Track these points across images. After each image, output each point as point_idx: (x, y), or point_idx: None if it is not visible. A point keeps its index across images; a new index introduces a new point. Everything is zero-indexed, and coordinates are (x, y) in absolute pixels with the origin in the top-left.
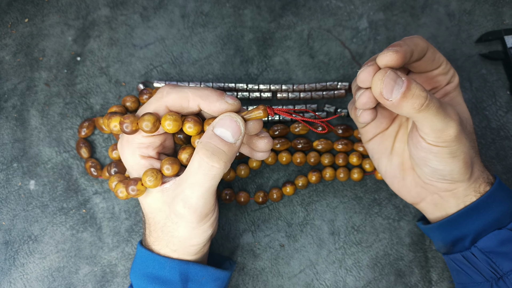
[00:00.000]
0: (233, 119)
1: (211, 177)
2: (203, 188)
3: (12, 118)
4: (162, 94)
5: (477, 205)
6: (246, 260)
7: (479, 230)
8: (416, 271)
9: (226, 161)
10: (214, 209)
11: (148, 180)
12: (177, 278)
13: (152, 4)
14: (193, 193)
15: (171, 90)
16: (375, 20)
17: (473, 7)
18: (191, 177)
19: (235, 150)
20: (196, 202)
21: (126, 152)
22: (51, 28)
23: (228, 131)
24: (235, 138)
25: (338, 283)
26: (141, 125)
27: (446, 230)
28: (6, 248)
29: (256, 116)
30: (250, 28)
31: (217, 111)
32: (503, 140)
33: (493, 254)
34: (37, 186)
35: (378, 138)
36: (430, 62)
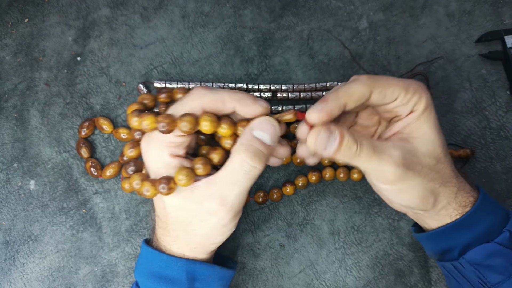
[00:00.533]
0: (271, 123)
1: (251, 177)
2: (242, 187)
3: (12, 118)
4: (198, 95)
5: (463, 221)
6: (246, 260)
7: (466, 243)
8: (415, 271)
9: (265, 161)
10: (242, 208)
11: (181, 178)
12: (184, 277)
13: (152, 4)
14: (232, 191)
15: (207, 92)
16: (375, 20)
17: (473, 8)
18: (231, 177)
19: (271, 152)
20: (233, 200)
21: (152, 151)
22: (51, 28)
23: (267, 134)
24: (273, 141)
25: (338, 283)
26: (179, 125)
27: (434, 242)
28: (6, 248)
29: (286, 119)
30: (250, 28)
31: (252, 114)
32: (503, 140)
33: (480, 266)
34: (37, 186)
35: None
36: (380, 100)
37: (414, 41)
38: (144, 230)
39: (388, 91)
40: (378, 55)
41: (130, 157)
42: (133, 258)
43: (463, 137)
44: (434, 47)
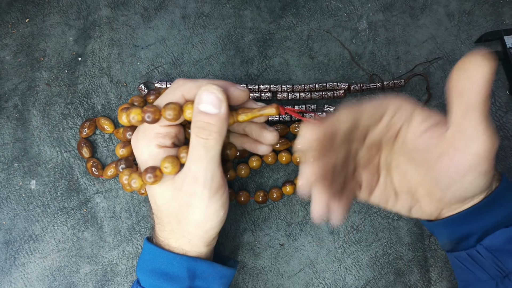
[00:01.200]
0: (210, 92)
1: (209, 148)
2: (205, 160)
3: (13, 118)
4: (178, 84)
5: (485, 204)
6: (246, 259)
7: (486, 228)
8: (415, 270)
9: (217, 130)
10: (223, 186)
11: (167, 166)
12: (184, 274)
13: (153, 5)
14: (199, 167)
15: (186, 81)
16: (374, 20)
17: (473, 8)
18: (194, 154)
19: (222, 118)
20: (204, 176)
21: (141, 143)
22: (52, 28)
23: (209, 104)
24: (218, 108)
25: (337, 282)
26: (164, 114)
27: (453, 227)
28: (6, 247)
29: (268, 113)
30: (250, 29)
31: (232, 97)
32: (503, 140)
33: (499, 252)
34: (38, 185)
35: (376, 193)
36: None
37: (414, 41)
38: (145, 229)
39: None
40: (378, 56)
41: (121, 156)
42: (134, 258)
43: None
44: (434, 47)
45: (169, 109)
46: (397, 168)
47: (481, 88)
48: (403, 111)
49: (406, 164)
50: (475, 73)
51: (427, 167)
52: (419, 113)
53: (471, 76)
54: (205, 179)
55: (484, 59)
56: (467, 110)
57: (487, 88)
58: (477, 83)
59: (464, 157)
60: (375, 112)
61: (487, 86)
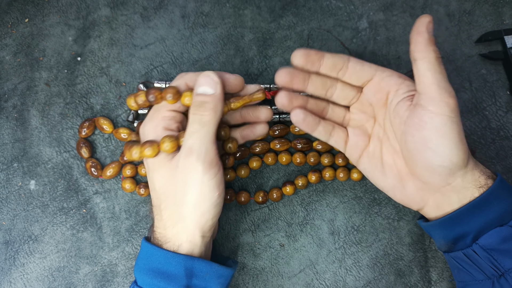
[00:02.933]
0: (206, 76)
1: (204, 123)
2: (201, 134)
3: (12, 118)
4: (181, 75)
5: (479, 202)
6: (246, 259)
7: (481, 227)
8: (415, 271)
9: (212, 107)
10: (217, 164)
11: (166, 143)
12: (182, 273)
13: (152, 4)
14: (194, 140)
15: (189, 72)
16: (375, 20)
17: (473, 7)
18: (189, 130)
19: (217, 97)
20: (198, 147)
21: (148, 127)
22: (51, 28)
23: (205, 86)
24: (213, 89)
25: (338, 283)
26: (164, 95)
27: (448, 227)
28: (6, 248)
29: (256, 98)
30: (250, 28)
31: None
32: (503, 140)
33: (494, 251)
34: (37, 186)
35: (364, 158)
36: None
37: None
38: (144, 230)
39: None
40: (378, 55)
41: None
42: (133, 258)
43: None
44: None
45: (169, 92)
46: (388, 140)
47: (419, 31)
48: (393, 77)
49: (394, 138)
50: (417, 23)
51: (401, 133)
52: (406, 84)
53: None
54: (199, 151)
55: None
56: (413, 56)
57: (425, 33)
58: (417, 28)
59: (419, 112)
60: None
61: (424, 30)
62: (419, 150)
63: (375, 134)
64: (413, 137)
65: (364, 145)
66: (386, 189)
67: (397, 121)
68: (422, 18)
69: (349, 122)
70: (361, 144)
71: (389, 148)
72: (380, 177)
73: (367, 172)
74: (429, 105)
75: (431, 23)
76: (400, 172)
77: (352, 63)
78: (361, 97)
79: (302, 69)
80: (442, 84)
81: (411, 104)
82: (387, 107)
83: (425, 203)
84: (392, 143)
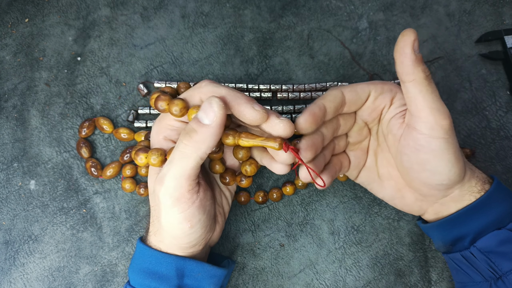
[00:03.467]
0: (209, 101)
1: (184, 156)
2: (177, 167)
3: (12, 118)
4: (200, 85)
5: (477, 205)
6: (246, 259)
7: (478, 230)
8: (415, 271)
9: (198, 140)
10: (189, 201)
11: (153, 159)
12: (173, 274)
13: (152, 4)
14: (168, 170)
15: (209, 84)
16: (375, 20)
17: (473, 7)
18: (171, 155)
19: (210, 131)
20: (168, 181)
21: (154, 130)
22: (51, 28)
23: (203, 113)
24: (210, 120)
25: (338, 283)
26: (171, 108)
27: (446, 230)
28: (6, 248)
29: (270, 146)
30: (250, 28)
31: (243, 115)
32: (503, 140)
33: (492, 254)
34: (37, 186)
35: (362, 174)
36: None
37: None
38: (144, 230)
39: (357, 89)
40: (378, 55)
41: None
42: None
43: (463, 137)
44: (434, 47)
45: (175, 105)
46: (382, 153)
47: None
48: (386, 93)
49: (388, 151)
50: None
51: (395, 150)
52: (398, 98)
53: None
54: (168, 185)
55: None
56: (401, 78)
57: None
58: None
59: (413, 135)
60: (359, 92)
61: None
62: (416, 171)
63: (371, 148)
64: (409, 158)
65: (364, 163)
66: (386, 199)
67: (390, 138)
68: (406, 36)
69: (348, 146)
70: (362, 162)
71: (383, 161)
72: (379, 188)
73: (366, 184)
74: (424, 129)
75: (416, 40)
76: (397, 183)
77: (348, 95)
78: (356, 119)
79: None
80: (435, 106)
81: (403, 123)
82: (380, 122)
83: (425, 211)
84: (386, 155)
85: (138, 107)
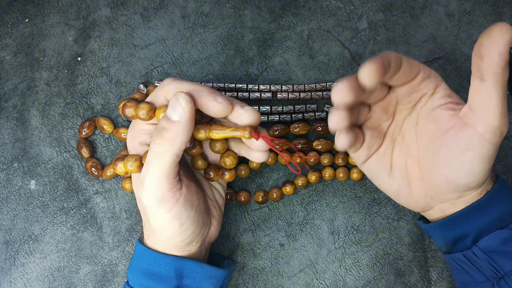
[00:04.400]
0: (176, 97)
1: (158, 155)
2: (154, 167)
3: (12, 118)
4: (163, 84)
5: (480, 204)
6: (246, 259)
7: (481, 229)
8: (415, 271)
9: (170, 137)
10: (172, 199)
11: (130, 165)
12: (172, 274)
13: (152, 4)
14: (146, 170)
15: (172, 81)
16: (374, 20)
17: (473, 7)
18: (146, 158)
19: (181, 127)
20: (149, 182)
21: (128, 137)
22: (51, 28)
23: (172, 110)
24: (179, 116)
25: (337, 283)
26: (137, 113)
27: (448, 229)
28: (6, 247)
29: (240, 136)
30: (250, 28)
31: (207, 108)
32: (503, 140)
33: (494, 253)
34: (37, 186)
35: (372, 159)
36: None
37: (414, 41)
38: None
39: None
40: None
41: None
42: None
43: None
44: (434, 47)
45: (141, 109)
46: (402, 141)
47: (499, 51)
48: (432, 79)
49: (412, 138)
50: (495, 37)
51: (431, 140)
52: (443, 88)
53: (491, 40)
54: (149, 186)
55: (505, 26)
56: (483, 75)
57: (506, 53)
58: (496, 46)
59: (469, 132)
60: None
61: (505, 50)
62: (450, 166)
63: (389, 134)
64: (451, 152)
65: (377, 146)
66: (390, 192)
67: (430, 127)
68: (502, 32)
69: (367, 121)
70: (375, 145)
71: (402, 149)
72: (386, 179)
73: (373, 173)
74: (484, 130)
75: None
76: (410, 176)
77: (404, 65)
78: (390, 94)
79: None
80: (504, 111)
81: (455, 116)
82: (416, 108)
83: (430, 208)
84: (407, 144)
85: None
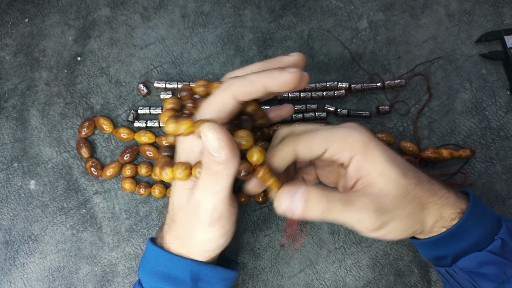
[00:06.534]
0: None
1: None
2: (208, 192)
3: (12, 118)
4: (226, 86)
5: (452, 232)
6: (246, 259)
7: (458, 252)
8: (415, 271)
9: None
10: (227, 218)
11: (178, 172)
12: (188, 278)
13: (152, 4)
14: (202, 196)
15: (234, 80)
16: (375, 20)
17: (473, 7)
18: (200, 182)
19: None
20: (205, 205)
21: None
22: (51, 28)
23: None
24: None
25: (338, 283)
26: (175, 172)
27: (428, 249)
28: (6, 247)
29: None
30: (250, 28)
31: (282, 84)
32: (503, 140)
33: (473, 274)
34: (37, 186)
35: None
36: (308, 155)
37: (414, 41)
38: (144, 230)
39: (312, 145)
40: (378, 55)
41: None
42: (133, 258)
43: (463, 137)
44: (434, 47)
45: (179, 168)
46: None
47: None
48: (345, 151)
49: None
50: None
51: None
52: (356, 160)
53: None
54: (206, 208)
55: None
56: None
57: None
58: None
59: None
60: (313, 148)
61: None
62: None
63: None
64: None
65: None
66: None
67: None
68: None
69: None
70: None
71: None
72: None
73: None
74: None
75: None
76: None
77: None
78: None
79: None
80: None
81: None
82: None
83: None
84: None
85: (138, 107)
